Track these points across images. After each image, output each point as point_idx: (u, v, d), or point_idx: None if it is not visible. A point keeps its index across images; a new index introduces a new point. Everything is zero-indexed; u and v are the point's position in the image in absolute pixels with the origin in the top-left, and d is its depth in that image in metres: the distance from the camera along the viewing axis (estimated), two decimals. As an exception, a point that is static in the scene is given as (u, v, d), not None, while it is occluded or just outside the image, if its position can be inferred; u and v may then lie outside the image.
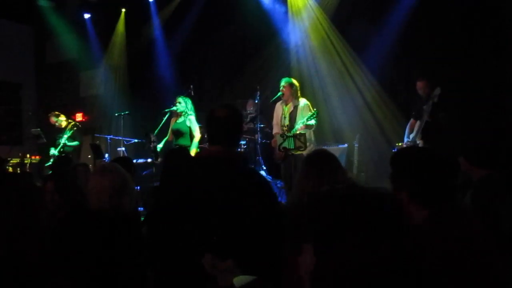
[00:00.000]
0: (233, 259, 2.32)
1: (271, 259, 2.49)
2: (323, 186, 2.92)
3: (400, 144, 7.34)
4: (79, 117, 12.31)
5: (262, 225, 2.52)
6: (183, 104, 7.79)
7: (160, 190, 2.81)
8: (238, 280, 2.21)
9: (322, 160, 3.16)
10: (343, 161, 7.67)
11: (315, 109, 6.97)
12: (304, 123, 6.86)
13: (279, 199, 5.96)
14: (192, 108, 7.88)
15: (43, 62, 13.52)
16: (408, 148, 5.75)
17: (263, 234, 2.50)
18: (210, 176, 2.56)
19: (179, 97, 7.96)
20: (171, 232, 2.57)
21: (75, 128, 9.23)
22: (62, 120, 9.37)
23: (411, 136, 7.04)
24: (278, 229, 2.59)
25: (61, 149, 9.00)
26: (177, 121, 7.83)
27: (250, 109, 9.02)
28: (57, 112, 9.57)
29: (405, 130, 7.30)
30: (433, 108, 6.73)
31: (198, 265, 2.28)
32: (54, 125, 9.47)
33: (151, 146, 7.59)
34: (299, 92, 7.35)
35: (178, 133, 7.75)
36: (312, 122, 6.91)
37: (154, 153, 7.56)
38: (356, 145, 7.86)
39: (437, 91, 6.75)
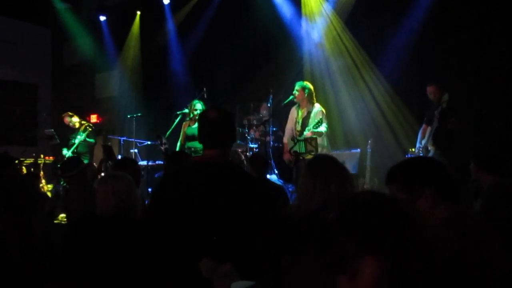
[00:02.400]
0: (233, 263, 2.29)
1: (269, 263, 2.46)
2: (331, 190, 2.82)
3: (413, 149, 7.26)
4: (93, 118, 12.40)
5: (264, 228, 2.49)
6: (200, 109, 7.86)
7: (158, 194, 2.75)
8: (236, 285, 2.18)
9: (327, 164, 3.05)
10: (355, 166, 7.62)
11: (320, 117, 6.92)
12: (311, 130, 6.82)
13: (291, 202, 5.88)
14: None
15: (60, 64, 13.65)
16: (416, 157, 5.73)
17: (264, 238, 2.47)
18: (212, 182, 2.51)
19: (197, 102, 7.99)
20: (172, 238, 2.53)
21: (89, 129, 9.29)
22: (76, 121, 9.46)
23: (423, 142, 6.95)
24: (278, 233, 2.56)
25: (75, 150, 9.06)
26: (193, 126, 7.87)
27: (263, 112, 8.99)
28: (71, 113, 9.65)
29: (417, 135, 7.23)
30: (441, 114, 6.66)
31: (196, 270, 2.25)
32: (68, 125, 9.55)
33: (162, 148, 7.60)
34: (314, 97, 7.32)
35: (193, 137, 7.80)
36: (322, 129, 6.87)
37: (165, 155, 7.56)
38: (369, 150, 7.78)
39: (445, 97, 6.68)
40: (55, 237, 3.82)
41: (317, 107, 7.18)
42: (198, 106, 7.90)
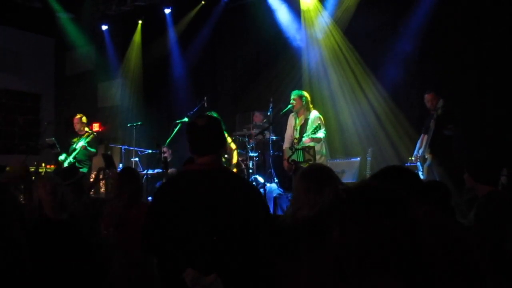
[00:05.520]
0: (223, 272, 2.29)
1: (263, 270, 2.47)
2: (324, 198, 2.82)
3: (411, 158, 7.24)
4: (96, 127, 12.42)
5: (263, 232, 2.51)
6: None
7: (155, 206, 2.73)
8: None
9: (321, 173, 3.06)
10: (355, 175, 7.59)
11: (318, 123, 6.93)
12: (310, 136, 6.82)
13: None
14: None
15: (62, 73, 13.71)
16: None
17: (262, 244, 2.48)
18: (212, 189, 2.52)
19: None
20: (174, 249, 2.50)
21: (92, 135, 9.14)
22: (86, 128, 9.32)
23: (421, 151, 6.95)
24: (273, 240, 2.57)
25: (76, 155, 8.95)
26: None
27: (263, 121, 9.01)
28: (85, 119, 9.46)
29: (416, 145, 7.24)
30: (437, 120, 6.66)
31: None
32: (74, 126, 9.35)
33: (162, 157, 7.63)
34: (310, 104, 7.33)
35: None
36: (320, 135, 6.87)
37: (164, 164, 7.59)
38: (369, 158, 7.77)
39: (441, 103, 6.70)
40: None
41: (314, 113, 7.20)
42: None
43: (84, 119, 9.38)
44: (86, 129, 9.33)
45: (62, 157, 9.16)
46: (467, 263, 2.08)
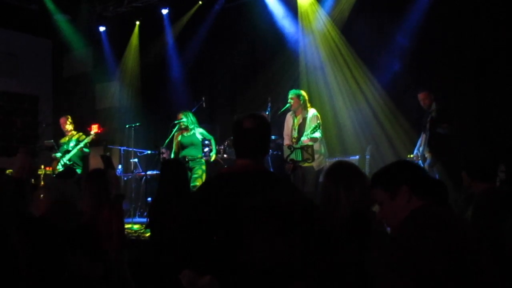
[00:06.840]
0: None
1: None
2: (355, 195, 2.79)
3: (411, 156, 7.25)
4: (95, 128, 12.38)
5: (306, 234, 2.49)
6: (185, 119, 7.89)
7: (192, 210, 2.67)
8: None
9: (349, 170, 2.94)
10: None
11: (318, 121, 6.93)
12: (308, 136, 6.82)
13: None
14: (195, 121, 7.98)
15: (60, 75, 13.69)
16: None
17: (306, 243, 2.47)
18: (245, 192, 2.45)
19: (181, 113, 8.07)
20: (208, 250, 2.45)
21: (87, 138, 9.08)
22: (71, 129, 9.30)
23: (421, 149, 6.97)
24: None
25: (71, 157, 8.89)
26: (187, 134, 7.90)
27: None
28: (70, 119, 9.45)
29: (415, 142, 7.25)
30: (431, 122, 6.69)
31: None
32: (62, 127, 9.34)
33: (160, 158, 7.64)
34: (308, 103, 7.34)
35: (190, 145, 7.84)
36: (317, 135, 6.87)
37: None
38: (368, 156, 7.78)
39: (434, 105, 6.76)
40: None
41: (312, 112, 7.19)
42: (181, 115, 7.99)
43: (70, 119, 9.37)
44: (74, 131, 9.33)
45: (58, 154, 9.09)
46: (467, 257, 2.07)
